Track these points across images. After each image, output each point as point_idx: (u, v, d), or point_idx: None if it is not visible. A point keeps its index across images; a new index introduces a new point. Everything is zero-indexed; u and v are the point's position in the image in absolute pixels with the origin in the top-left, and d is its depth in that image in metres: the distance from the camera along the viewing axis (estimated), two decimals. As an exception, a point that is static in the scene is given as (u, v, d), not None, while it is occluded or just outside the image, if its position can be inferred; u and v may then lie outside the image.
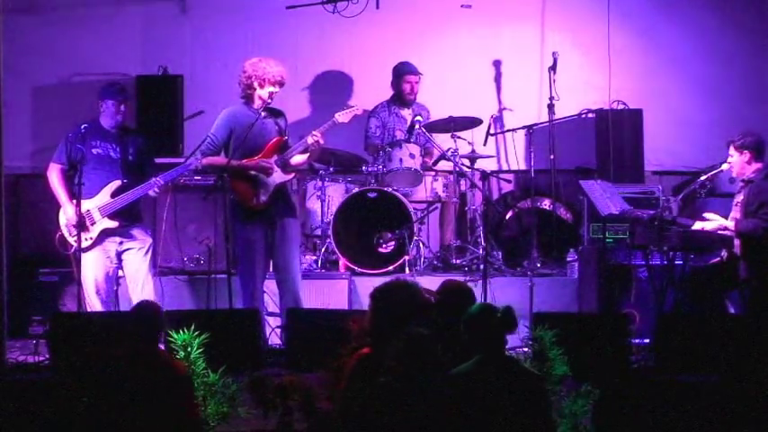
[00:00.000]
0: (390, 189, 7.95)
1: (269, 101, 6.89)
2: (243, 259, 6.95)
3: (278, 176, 6.91)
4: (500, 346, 4.67)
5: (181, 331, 5.74)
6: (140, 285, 6.97)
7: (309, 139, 6.87)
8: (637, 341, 6.81)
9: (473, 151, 8.36)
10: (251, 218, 6.90)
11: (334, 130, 7.16)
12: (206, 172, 7.24)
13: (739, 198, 6.90)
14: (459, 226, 8.43)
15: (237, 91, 7.00)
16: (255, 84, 6.86)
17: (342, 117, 7.07)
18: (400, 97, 8.50)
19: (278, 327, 7.03)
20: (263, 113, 6.89)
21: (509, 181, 8.77)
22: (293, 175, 7.00)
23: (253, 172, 6.86)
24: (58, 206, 6.98)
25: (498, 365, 4.62)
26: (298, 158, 7.05)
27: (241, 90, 6.96)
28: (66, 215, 6.88)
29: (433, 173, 8.35)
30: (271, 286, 7.09)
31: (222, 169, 6.85)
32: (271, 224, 6.90)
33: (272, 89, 6.86)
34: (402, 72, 8.46)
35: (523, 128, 8.61)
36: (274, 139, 6.94)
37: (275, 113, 7.05)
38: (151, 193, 6.98)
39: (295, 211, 7.16)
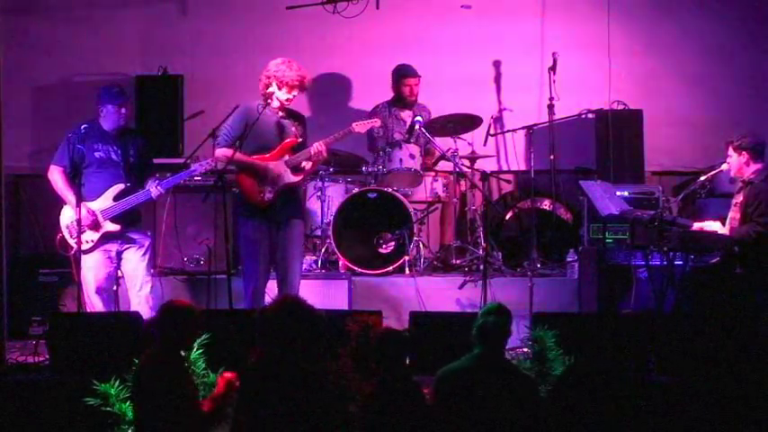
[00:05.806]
0: (390, 189, 7.95)
1: (286, 102, 6.91)
2: (245, 257, 6.93)
3: (286, 177, 6.91)
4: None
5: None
6: (139, 285, 6.97)
7: (312, 149, 6.88)
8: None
9: (473, 151, 8.36)
10: (254, 215, 6.88)
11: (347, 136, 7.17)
12: (207, 174, 7.23)
13: (738, 198, 6.89)
14: (459, 226, 8.44)
15: (238, 91, 7.00)
16: (274, 84, 6.88)
17: (359, 127, 7.10)
18: (401, 99, 8.49)
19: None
20: (280, 113, 6.93)
21: (509, 181, 8.77)
22: (301, 177, 7.00)
23: (260, 170, 6.87)
24: (58, 206, 6.97)
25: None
26: (307, 165, 7.04)
27: (261, 87, 6.96)
28: (80, 215, 6.82)
29: (433, 173, 8.35)
30: (271, 287, 7.07)
31: (231, 163, 6.84)
32: (275, 223, 6.89)
33: (287, 92, 6.86)
34: (401, 75, 8.45)
35: (523, 128, 8.59)
36: (288, 140, 6.94)
37: (294, 116, 7.05)
38: (153, 195, 6.96)
39: (301, 212, 7.15)
